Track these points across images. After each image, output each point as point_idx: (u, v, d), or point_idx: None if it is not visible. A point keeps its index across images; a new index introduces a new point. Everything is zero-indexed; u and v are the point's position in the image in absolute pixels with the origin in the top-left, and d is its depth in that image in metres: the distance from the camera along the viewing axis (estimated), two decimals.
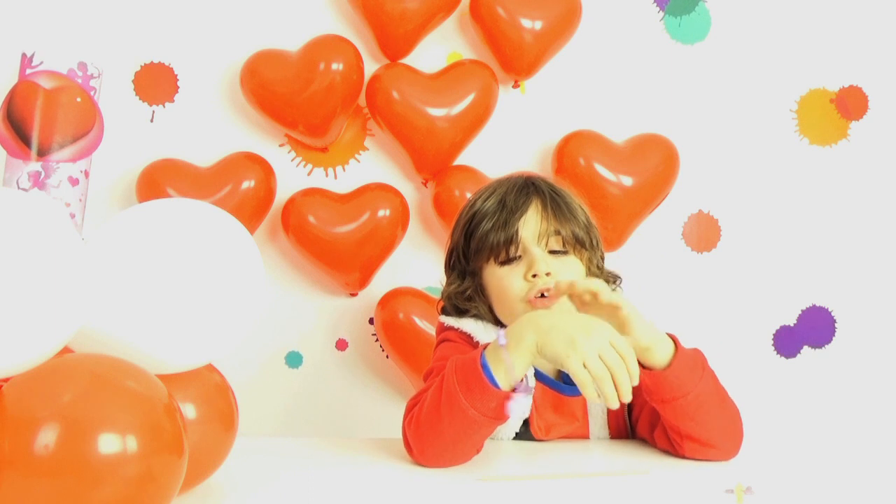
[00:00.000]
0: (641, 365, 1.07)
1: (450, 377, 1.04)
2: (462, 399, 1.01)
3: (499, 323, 1.26)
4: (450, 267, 1.31)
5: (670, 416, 1.09)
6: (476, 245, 1.23)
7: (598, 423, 1.25)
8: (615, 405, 0.97)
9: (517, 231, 1.20)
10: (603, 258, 1.29)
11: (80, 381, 0.72)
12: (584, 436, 1.25)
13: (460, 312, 1.28)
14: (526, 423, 1.22)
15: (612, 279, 1.29)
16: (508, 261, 1.21)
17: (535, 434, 1.22)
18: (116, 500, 0.69)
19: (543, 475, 1.04)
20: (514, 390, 1.02)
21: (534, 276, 1.18)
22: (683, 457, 1.11)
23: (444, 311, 1.31)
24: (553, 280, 1.17)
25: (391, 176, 2.10)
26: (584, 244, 1.24)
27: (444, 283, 1.32)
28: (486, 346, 1.05)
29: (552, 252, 1.21)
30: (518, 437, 1.22)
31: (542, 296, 1.17)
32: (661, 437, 1.15)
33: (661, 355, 1.07)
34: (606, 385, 0.96)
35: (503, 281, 1.21)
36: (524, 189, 1.25)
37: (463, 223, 1.27)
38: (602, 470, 1.10)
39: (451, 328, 1.27)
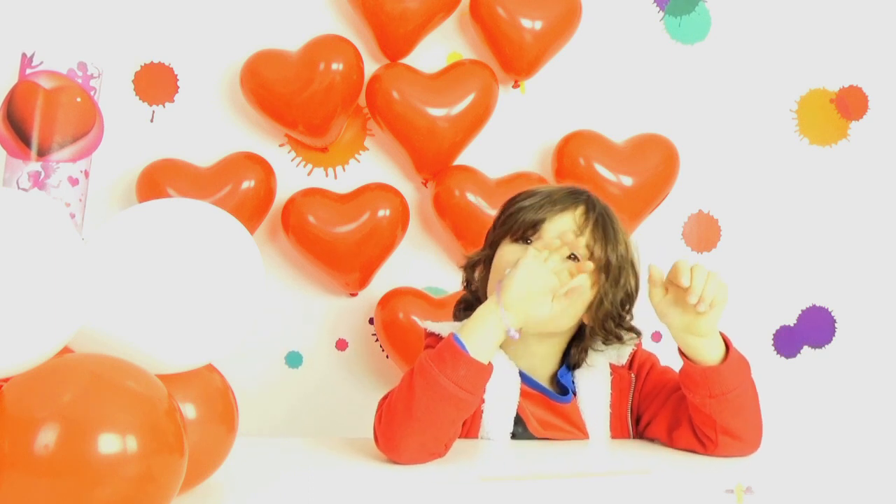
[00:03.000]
0: (690, 359, 1.11)
1: (421, 359, 1.07)
2: (434, 370, 1.04)
3: None
4: (476, 263, 1.31)
5: (714, 411, 1.10)
6: (505, 221, 1.23)
7: (599, 426, 1.24)
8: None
9: (545, 219, 1.19)
10: (626, 303, 1.24)
11: (80, 381, 0.72)
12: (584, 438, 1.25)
13: (468, 285, 1.30)
14: (523, 423, 1.22)
15: (626, 330, 1.24)
16: (521, 241, 1.21)
17: (534, 432, 1.22)
18: (116, 500, 0.69)
19: (543, 475, 1.04)
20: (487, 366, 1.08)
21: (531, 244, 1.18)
22: (710, 454, 1.13)
23: (455, 306, 1.33)
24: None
25: (391, 176, 2.10)
26: (608, 275, 1.19)
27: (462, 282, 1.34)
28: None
29: (570, 258, 1.17)
30: (516, 437, 1.22)
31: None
32: (684, 436, 1.16)
33: (713, 351, 1.11)
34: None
35: (505, 256, 1.20)
36: (577, 193, 1.24)
37: (506, 205, 1.27)
38: (602, 469, 1.10)
39: (432, 335, 1.26)
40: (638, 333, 1.25)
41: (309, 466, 1.08)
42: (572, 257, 1.17)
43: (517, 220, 1.21)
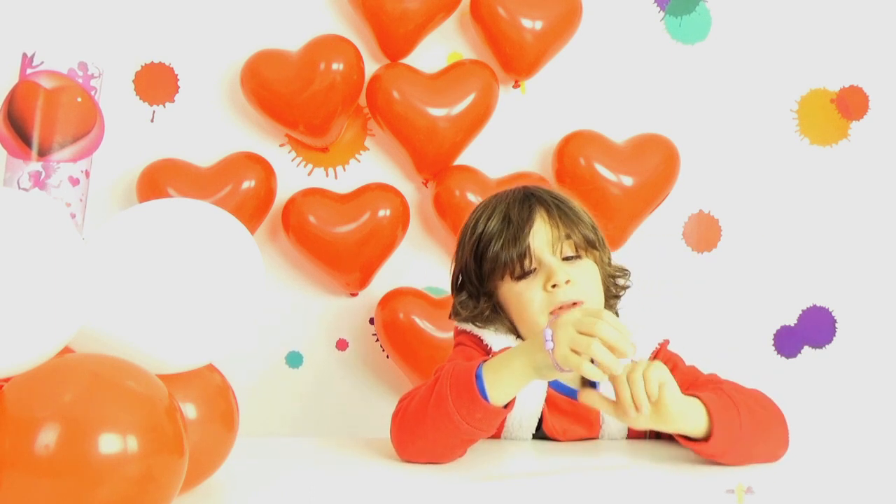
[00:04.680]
0: (681, 437, 1.07)
1: (444, 381, 1.04)
2: (450, 404, 1.01)
3: (519, 337, 1.25)
4: (458, 288, 1.30)
5: (727, 462, 1.07)
6: (489, 266, 1.22)
7: (618, 425, 1.24)
8: (603, 377, 0.97)
9: (528, 244, 1.20)
10: (610, 256, 1.29)
11: (80, 381, 0.72)
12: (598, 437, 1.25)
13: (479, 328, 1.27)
14: (539, 424, 1.22)
15: (621, 274, 1.30)
16: (524, 275, 1.20)
17: (550, 434, 1.22)
18: (117, 500, 0.69)
19: (529, 473, 1.04)
20: (506, 406, 1.03)
21: (553, 286, 1.18)
22: None
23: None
24: (573, 288, 1.17)
25: (391, 176, 2.10)
26: (595, 245, 1.24)
27: (454, 303, 1.31)
28: (486, 359, 1.05)
29: (566, 259, 1.21)
30: (533, 437, 1.22)
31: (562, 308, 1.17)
32: None
33: (695, 423, 1.05)
34: (584, 364, 0.95)
35: (522, 296, 1.20)
36: (525, 201, 1.24)
37: (470, 246, 1.26)
38: (583, 466, 1.10)
39: (463, 332, 1.27)
40: (626, 271, 1.30)
41: (309, 466, 1.08)
42: (568, 259, 1.21)
43: (504, 260, 1.20)
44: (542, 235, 1.21)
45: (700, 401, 1.05)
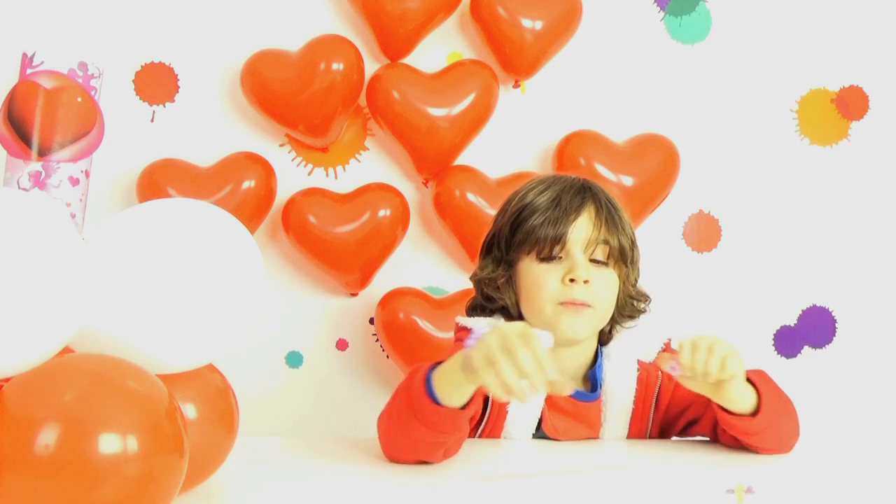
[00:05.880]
0: (726, 410, 1.12)
1: (405, 384, 1.03)
2: (411, 408, 1.00)
3: (521, 317, 1.26)
4: (486, 252, 1.30)
5: (752, 444, 1.13)
6: (521, 236, 1.22)
7: (619, 425, 1.24)
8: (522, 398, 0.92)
9: (566, 232, 1.20)
10: (637, 277, 1.30)
11: (80, 381, 0.72)
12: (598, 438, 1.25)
13: (487, 300, 1.27)
14: (540, 424, 1.22)
15: (641, 298, 1.30)
16: (549, 259, 1.21)
17: (550, 434, 1.22)
18: (117, 501, 0.69)
19: (527, 473, 1.04)
20: (464, 407, 1.00)
21: (571, 280, 1.18)
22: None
23: (468, 310, 1.32)
24: (589, 290, 1.18)
25: (391, 176, 2.10)
26: (627, 260, 1.24)
27: (477, 268, 1.31)
28: (439, 362, 1.02)
29: (593, 261, 1.21)
30: (533, 436, 1.22)
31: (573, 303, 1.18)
32: (729, 436, 1.17)
33: (744, 401, 1.11)
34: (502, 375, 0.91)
35: (539, 278, 1.20)
36: (581, 192, 1.25)
37: (512, 212, 1.26)
38: (582, 466, 1.10)
39: (463, 328, 1.27)
40: (648, 297, 1.31)
41: (309, 466, 1.08)
42: (595, 262, 1.21)
43: (538, 237, 1.21)
44: (582, 230, 1.21)
45: (753, 385, 1.12)
